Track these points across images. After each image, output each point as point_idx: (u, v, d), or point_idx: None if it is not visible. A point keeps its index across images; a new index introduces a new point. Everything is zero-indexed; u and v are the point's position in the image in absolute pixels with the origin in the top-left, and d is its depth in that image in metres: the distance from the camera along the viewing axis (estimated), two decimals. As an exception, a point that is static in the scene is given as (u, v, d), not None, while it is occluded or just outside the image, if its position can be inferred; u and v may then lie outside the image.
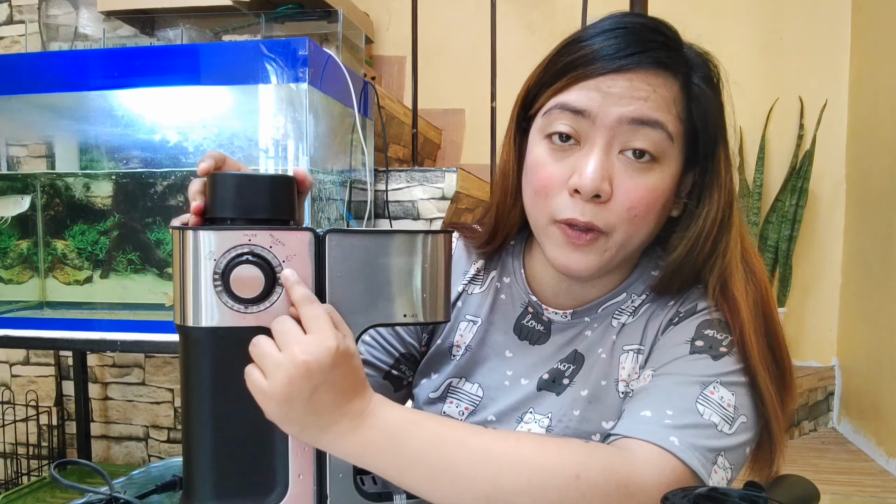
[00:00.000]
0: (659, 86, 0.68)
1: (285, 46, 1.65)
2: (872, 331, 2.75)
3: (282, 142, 1.71)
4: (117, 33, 2.42)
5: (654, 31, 0.70)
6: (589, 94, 0.68)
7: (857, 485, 2.40)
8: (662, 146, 0.68)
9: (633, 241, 0.71)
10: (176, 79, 1.72)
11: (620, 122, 0.67)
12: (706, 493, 0.52)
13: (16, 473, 2.62)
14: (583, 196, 0.67)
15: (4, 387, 2.73)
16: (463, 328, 0.84)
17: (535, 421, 0.77)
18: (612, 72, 0.67)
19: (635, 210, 0.68)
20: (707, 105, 0.70)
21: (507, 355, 0.81)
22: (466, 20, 2.97)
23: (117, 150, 1.96)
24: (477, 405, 0.80)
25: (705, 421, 0.64)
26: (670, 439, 0.62)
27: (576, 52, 0.70)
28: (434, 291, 0.63)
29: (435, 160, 2.98)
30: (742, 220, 0.75)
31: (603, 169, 0.67)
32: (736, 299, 0.70)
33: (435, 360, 0.85)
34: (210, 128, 1.88)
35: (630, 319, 0.76)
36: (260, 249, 0.57)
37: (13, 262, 1.95)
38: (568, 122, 0.69)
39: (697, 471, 0.62)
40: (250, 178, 0.61)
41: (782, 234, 2.93)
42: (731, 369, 0.68)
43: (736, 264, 0.72)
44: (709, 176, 0.72)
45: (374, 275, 0.61)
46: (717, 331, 0.70)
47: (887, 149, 2.65)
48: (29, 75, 1.79)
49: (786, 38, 3.05)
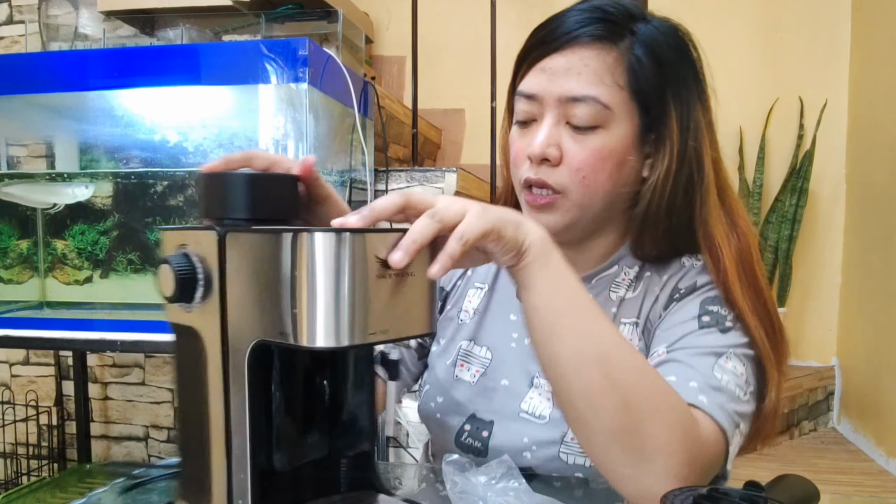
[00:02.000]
0: (591, 58, 0.75)
1: (285, 46, 1.65)
2: (872, 331, 2.75)
3: (282, 142, 1.71)
4: (117, 33, 2.42)
5: (596, 10, 0.77)
6: (537, 78, 0.77)
7: (856, 485, 2.40)
8: (600, 116, 0.75)
9: (591, 200, 0.77)
10: (176, 79, 1.72)
11: (560, 100, 0.75)
12: (706, 493, 0.52)
13: (16, 473, 2.62)
14: (533, 161, 0.77)
15: (4, 387, 2.74)
16: (471, 294, 0.91)
17: (543, 384, 0.82)
18: (553, 51, 0.76)
19: (584, 171, 0.75)
20: (646, 73, 0.76)
21: (512, 318, 0.86)
22: (466, 20, 2.97)
23: (117, 150, 1.97)
24: (487, 367, 0.86)
25: (725, 387, 0.69)
26: (699, 398, 0.67)
27: (532, 39, 0.79)
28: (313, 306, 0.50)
29: (435, 160, 2.98)
30: (727, 182, 0.81)
31: (549, 137, 0.76)
32: (719, 247, 0.76)
33: (445, 326, 0.91)
34: (210, 128, 1.88)
35: (630, 294, 0.82)
36: (186, 249, 0.57)
37: (13, 262, 1.95)
38: (525, 108, 0.78)
39: (726, 429, 0.67)
40: (233, 178, 0.60)
41: (782, 234, 2.93)
42: (739, 342, 0.73)
43: (717, 218, 0.77)
44: (660, 134, 0.77)
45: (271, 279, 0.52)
46: (720, 307, 0.75)
47: (887, 149, 2.65)
48: (29, 75, 1.79)
49: (786, 39, 3.05)
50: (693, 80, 0.79)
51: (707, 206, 0.78)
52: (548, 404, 0.80)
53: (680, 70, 0.78)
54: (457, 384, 0.86)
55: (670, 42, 0.77)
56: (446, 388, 0.87)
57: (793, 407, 2.79)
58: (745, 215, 0.81)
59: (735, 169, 3.06)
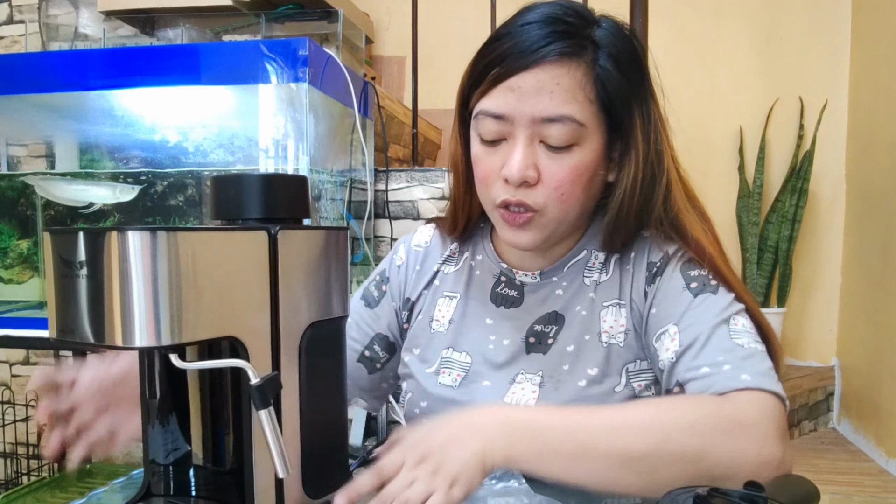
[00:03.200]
0: (562, 76, 0.74)
1: (285, 46, 1.65)
2: (872, 331, 2.75)
3: (282, 142, 1.71)
4: (117, 33, 2.42)
5: (557, 22, 0.75)
6: (505, 97, 0.75)
7: (857, 485, 2.40)
8: (574, 134, 0.75)
9: (568, 213, 0.79)
10: (176, 79, 1.72)
11: (534, 120, 0.74)
12: (706, 493, 0.52)
13: (16, 473, 2.62)
14: (512, 184, 0.76)
15: (4, 387, 2.73)
16: (441, 304, 0.91)
17: (528, 380, 0.82)
18: (521, 70, 0.74)
19: (562, 189, 0.76)
20: (613, 83, 0.75)
21: (488, 322, 0.87)
22: (466, 20, 2.97)
23: (117, 150, 1.96)
24: (468, 371, 0.86)
25: (749, 349, 0.72)
26: (742, 378, 0.69)
27: (492, 54, 0.77)
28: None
29: (435, 160, 2.98)
30: (683, 173, 0.82)
31: (527, 158, 0.75)
32: (698, 239, 0.78)
33: (416, 335, 0.91)
34: (210, 128, 1.88)
35: (604, 277, 0.83)
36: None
37: (13, 262, 1.95)
38: (491, 128, 0.77)
39: (776, 391, 0.69)
40: (257, 179, 0.62)
41: (782, 234, 2.93)
42: (730, 298, 0.77)
43: (686, 208, 0.80)
44: (627, 141, 0.78)
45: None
46: (698, 269, 0.78)
47: (887, 149, 2.65)
48: (29, 75, 1.79)
49: (786, 38, 3.05)
50: (645, 77, 0.79)
51: (676, 202, 0.79)
52: (532, 396, 0.81)
53: (635, 71, 0.78)
54: (439, 388, 0.86)
55: (624, 44, 0.77)
56: (429, 393, 0.87)
57: (793, 407, 2.79)
58: (701, 204, 0.84)
59: (735, 169, 3.06)
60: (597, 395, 0.79)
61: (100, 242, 0.50)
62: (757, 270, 2.95)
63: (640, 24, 1.93)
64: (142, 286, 0.49)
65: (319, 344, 0.63)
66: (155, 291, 0.50)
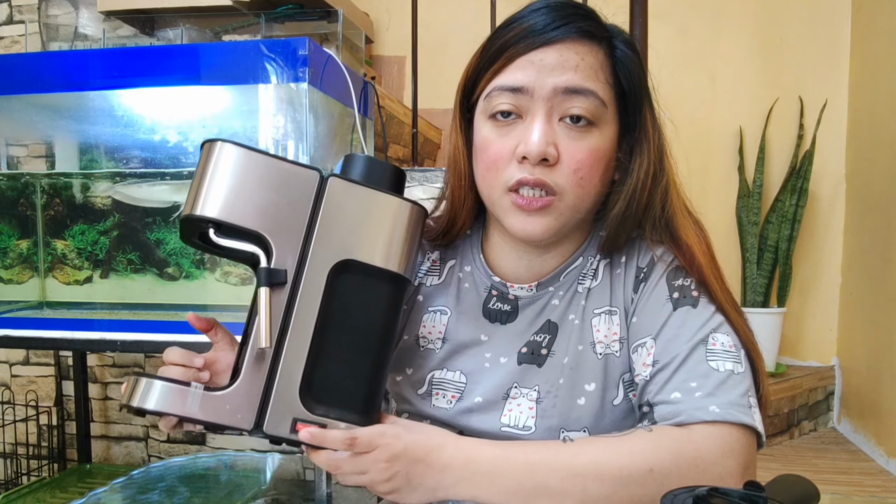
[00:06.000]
0: (586, 54, 0.73)
1: (285, 46, 1.64)
2: (872, 331, 2.75)
3: (282, 142, 1.71)
4: (117, 33, 2.42)
5: (575, 6, 0.76)
6: (524, 70, 0.73)
7: (857, 485, 2.40)
8: (597, 112, 0.73)
9: (583, 203, 0.76)
10: (176, 79, 1.72)
11: (556, 92, 0.72)
12: (706, 493, 0.52)
13: (16, 473, 2.62)
14: (531, 161, 0.72)
15: (4, 387, 2.74)
16: (426, 320, 0.86)
17: (523, 395, 0.80)
18: (543, 45, 0.72)
19: (581, 171, 0.73)
20: (631, 67, 0.76)
21: (483, 339, 0.84)
22: (466, 20, 2.97)
23: (117, 150, 1.96)
24: (462, 391, 0.82)
25: (724, 374, 0.70)
26: (710, 409, 0.67)
27: (508, 34, 0.75)
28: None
29: (435, 160, 2.98)
30: (676, 176, 0.81)
31: (546, 134, 0.72)
32: (690, 247, 0.77)
33: (404, 354, 0.87)
34: (210, 128, 1.88)
35: (594, 283, 0.81)
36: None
37: (13, 262, 1.95)
38: (508, 101, 0.74)
39: (745, 422, 0.67)
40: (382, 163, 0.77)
41: (782, 234, 2.93)
42: (711, 312, 0.74)
43: (682, 213, 0.79)
44: (639, 132, 0.77)
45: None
46: (682, 278, 0.76)
47: (887, 149, 2.65)
48: (29, 75, 1.79)
49: (786, 38, 3.05)
50: (646, 77, 0.79)
51: (673, 205, 0.78)
52: (530, 413, 0.79)
53: (643, 67, 0.78)
54: (434, 411, 0.83)
55: (631, 41, 0.78)
56: (425, 415, 0.84)
57: (793, 407, 2.79)
58: (695, 211, 0.82)
59: (735, 169, 3.06)
60: (595, 410, 0.77)
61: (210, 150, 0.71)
62: (757, 270, 2.95)
63: (640, 24, 1.93)
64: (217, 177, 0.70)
65: (351, 281, 0.71)
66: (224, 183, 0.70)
